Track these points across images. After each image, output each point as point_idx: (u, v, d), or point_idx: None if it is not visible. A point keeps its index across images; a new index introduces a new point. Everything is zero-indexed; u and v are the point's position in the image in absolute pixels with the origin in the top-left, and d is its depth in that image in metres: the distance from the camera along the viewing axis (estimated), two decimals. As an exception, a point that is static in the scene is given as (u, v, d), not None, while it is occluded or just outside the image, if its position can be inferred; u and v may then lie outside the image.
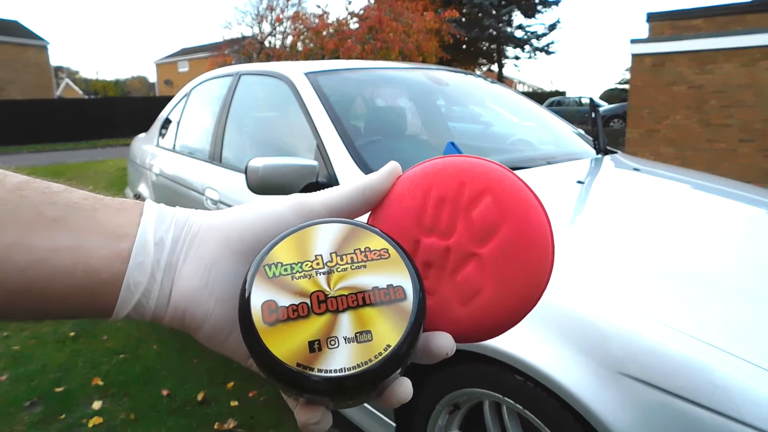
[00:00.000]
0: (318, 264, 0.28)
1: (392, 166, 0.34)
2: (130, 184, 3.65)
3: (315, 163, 1.62)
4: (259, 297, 0.27)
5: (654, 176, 1.92)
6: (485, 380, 1.14)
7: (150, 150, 3.23)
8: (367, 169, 1.61)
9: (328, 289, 0.27)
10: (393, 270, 0.28)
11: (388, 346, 0.26)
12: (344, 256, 0.28)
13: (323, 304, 0.27)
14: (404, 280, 0.28)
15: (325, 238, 0.29)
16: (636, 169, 1.94)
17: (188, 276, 0.30)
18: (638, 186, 1.77)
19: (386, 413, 1.42)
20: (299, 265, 0.28)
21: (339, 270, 0.28)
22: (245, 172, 1.57)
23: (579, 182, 1.68)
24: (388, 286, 0.28)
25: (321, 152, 1.72)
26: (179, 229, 0.31)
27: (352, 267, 0.28)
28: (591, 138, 2.22)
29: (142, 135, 3.64)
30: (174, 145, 2.96)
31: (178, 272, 0.30)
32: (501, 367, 1.07)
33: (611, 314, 0.95)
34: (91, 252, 0.28)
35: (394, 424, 1.40)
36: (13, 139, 16.11)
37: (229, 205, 2.05)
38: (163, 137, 3.18)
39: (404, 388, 0.28)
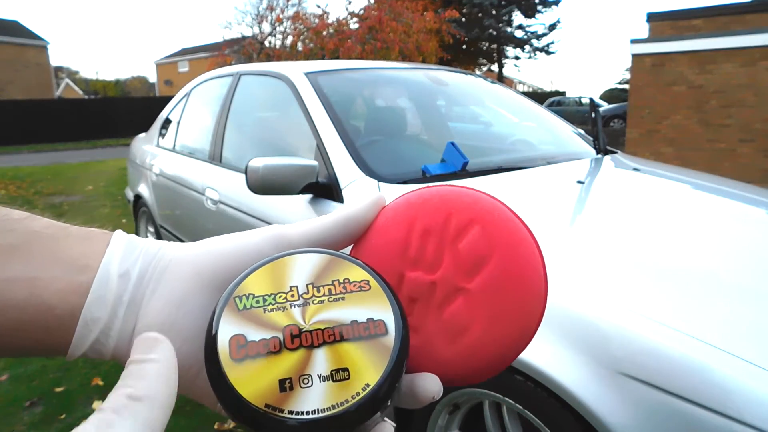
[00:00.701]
0: (293, 296, 0.26)
1: (376, 197, 0.32)
2: (130, 184, 3.65)
3: (315, 163, 1.62)
4: (227, 331, 0.24)
5: (654, 176, 1.92)
6: (485, 380, 1.14)
7: (150, 150, 3.23)
8: (367, 169, 1.62)
9: (302, 322, 0.25)
10: (374, 303, 0.26)
11: (367, 385, 0.24)
12: (321, 288, 0.26)
13: (297, 338, 0.24)
14: (386, 314, 0.26)
15: (302, 268, 0.27)
16: (636, 169, 1.94)
17: (154, 313, 0.28)
18: (638, 186, 1.77)
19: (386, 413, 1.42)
20: (272, 297, 0.26)
21: (315, 302, 0.26)
22: (245, 172, 1.57)
23: (579, 182, 1.68)
24: (368, 319, 0.25)
25: (321, 152, 1.72)
26: (148, 261, 0.29)
27: (330, 299, 0.26)
28: (591, 138, 2.22)
29: (142, 135, 3.64)
30: (174, 145, 2.96)
31: (143, 308, 0.28)
32: (501, 367, 1.07)
33: (611, 314, 0.95)
34: (47, 284, 0.26)
35: (394, 424, 1.40)
36: (13, 139, 16.12)
37: (230, 205, 2.06)
38: (163, 137, 3.18)
39: None
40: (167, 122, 3.20)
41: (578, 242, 1.24)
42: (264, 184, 1.56)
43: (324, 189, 1.63)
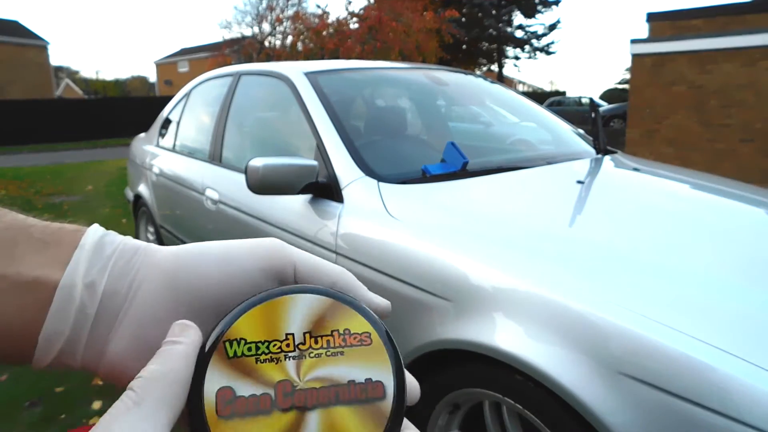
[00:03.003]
0: (288, 346, 0.24)
1: None
2: (130, 184, 3.65)
3: (315, 162, 1.62)
4: (215, 382, 0.22)
5: (654, 176, 1.92)
6: (485, 380, 1.14)
7: (150, 150, 3.23)
8: (367, 169, 1.62)
9: (297, 379, 0.23)
10: (373, 361, 0.24)
11: None
12: (320, 339, 0.24)
13: (290, 397, 0.23)
14: (385, 375, 0.24)
15: (300, 312, 0.25)
16: (636, 169, 1.94)
17: (128, 332, 0.26)
18: (638, 186, 1.77)
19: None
20: (266, 344, 0.24)
21: (312, 356, 0.24)
22: (245, 172, 1.57)
23: (579, 182, 1.68)
24: (366, 380, 0.24)
25: (321, 152, 1.72)
26: (120, 268, 0.26)
27: (328, 353, 0.24)
28: (591, 138, 2.22)
29: (142, 135, 3.64)
30: (174, 145, 2.96)
31: (116, 326, 0.26)
32: (501, 367, 1.07)
33: (611, 314, 0.95)
34: (3, 300, 0.24)
35: None
36: (13, 139, 16.12)
37: (230, 205, 2.06)
38: (163, 137, 3.18)
39: None
40: (167, 122, 3.20)
41: (578, 242, 1.24)
42: (264, 184, 1.56)
43: (324, 189, 1.63)
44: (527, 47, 25.74)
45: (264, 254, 0.27)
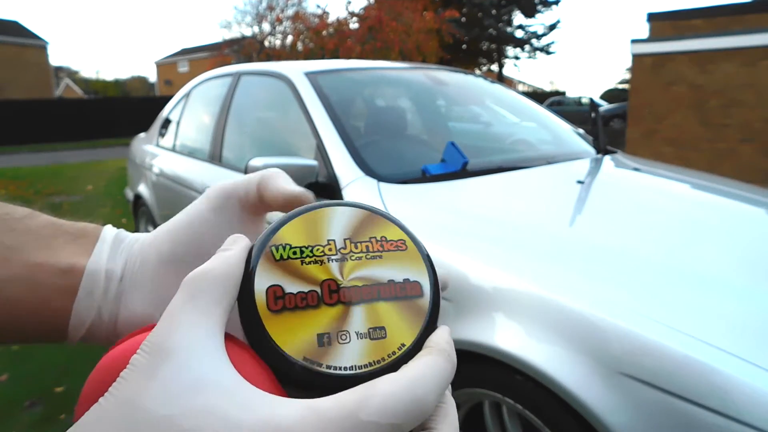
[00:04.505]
0: (330, 250, 0.26)
1: None
2: (130, 184, 3.65)
3: (315, 162, 1.62)
4: (264, 281, 0.24)
5: (654, 176, 1.92)
6: (485, 380, 1.14)
7: (150, 150, 3.23)
8: (367, 169, 1.62)
9: (340, 278, 0.25)
10: (409, 264, 0.26)
11: (403, 345, 0.24)
12: (359, 244, 0.26)
13: (335, 294, 0.24)
14: (421, 276, 0.26)
15: (339, 222, 0.27)
16: (636, 169, 1.94)
17: (134, 304, 0.30)
18: (638, 186, 1.77)
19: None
20: (309, 249, 0.25)
21: (353, 258, 0.26)
22: (245, 172, 1.57)
23: (579, 182, 1.68)
24: (404, 280, 0.26)
25: (321, 152, 1.72)
26: (128, 255, 0.31)
27: (367, 256, 0.26)
28: (591, 138, 2.22)
29: (142, 135, 3.64)
30: (174, 145, 2.96)
31: (125, 300, 0.30)
32: (501, 367, 1.07)
33: (611, 314, 0.95)
34: (43, 283, 0.29)
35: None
36: (13, 139, 16.11)
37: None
38: (163, 137, 3.18)
39: None
40: (167, 122, 3.20)
41: (578, 242, 1.24)
42: (264, 184, 1.55)
43: (324, 189, 1.63)
44: (527, 47, 25.73)
45: (211, 196, 0.31)
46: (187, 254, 0.30)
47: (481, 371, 1.14)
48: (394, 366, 0.23)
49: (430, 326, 0.25)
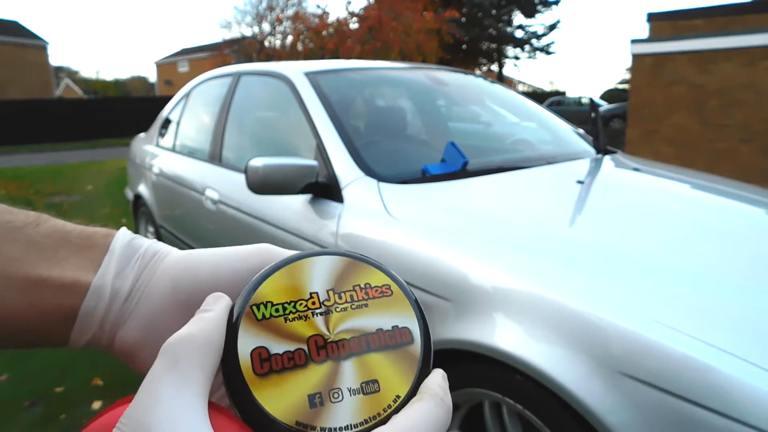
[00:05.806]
0: (314, 303, 0.25)
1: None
2: (130, 184, 3.65)
3: (315, 162, 1.62)
4: (248, 343, 0.23)
5: (654, 176, 1.92)
6: (485, 380, 1.14)
7: (150, 150, 3.23)
8: (367, 169, 1.61)
9: (327, 332, 0.24)
10: (396, 309, 0.25)
11: (398, 396, 0.23)
12: (343, 294, 0.25)
13: (323, 350, 0.23)
14: (410, 321, 0.25)
15: (320, 272, 0.26)
16: (636, 169, 1.94)
17: (134, 325, 0.29)
18: (638, 186, 1.77)
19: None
20: (292, 305, 0.24)
21: (338, 310, 0.25)
22: (245, 172, 1.57)
23: (579, 182, 1.68)
24: (393, 327, 0.25)
25: (321, 152, 1.72)
26: (139, 272, 0.30)
27: (353, 306, 0.25)
28: (591, 138, 2.22)
29: (142, 135, 3.64)
30: (174, 145, 2.96)
31: (129, 319, 0.29)
32: (501, 367, 1.07)
33: (611, 314, 0.95)
34: (45, 298, 0.28)
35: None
36: (13, 139, 16.12)
37: (230, 205, 2.06)
38: (163, 137, 3.18)
39: None
40: (167, 122, 3.20)
41: (578, 242, 1.24)
42: (264, 184, 1.56)
43: (324, 189, 1.63)
44: (527, 47, 25.73)
45: (251, 254, 0.29)
46: (197, 300, 0.28)
47: (481, 371, 1.14)
48: None
49: (423, 372, 0.24)
